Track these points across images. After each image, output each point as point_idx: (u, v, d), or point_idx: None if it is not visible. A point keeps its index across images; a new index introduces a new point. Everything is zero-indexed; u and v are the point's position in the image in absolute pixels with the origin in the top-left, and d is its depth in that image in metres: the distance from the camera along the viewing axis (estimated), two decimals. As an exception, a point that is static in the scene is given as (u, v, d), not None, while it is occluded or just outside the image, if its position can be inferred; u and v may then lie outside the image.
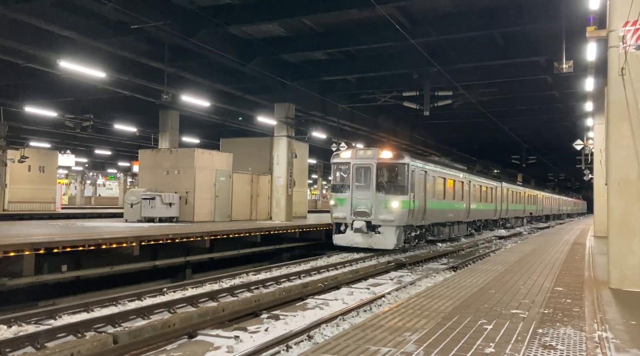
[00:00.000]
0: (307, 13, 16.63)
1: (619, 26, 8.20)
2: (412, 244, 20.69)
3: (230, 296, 10.98)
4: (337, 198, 19.45)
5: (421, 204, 20.04)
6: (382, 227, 18.56)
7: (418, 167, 19.84)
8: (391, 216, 18.34)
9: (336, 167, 19.93)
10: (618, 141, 8.42)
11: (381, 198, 18.65)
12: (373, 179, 18.85)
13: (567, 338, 5.39)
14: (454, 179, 25.21)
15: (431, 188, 21.46)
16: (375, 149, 19.37)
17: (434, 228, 22.83)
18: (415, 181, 19.31)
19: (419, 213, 19.79)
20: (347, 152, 19.94)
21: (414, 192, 19.14)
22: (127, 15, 14.88)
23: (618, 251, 8.37)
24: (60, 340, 7.60)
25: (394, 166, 19.03)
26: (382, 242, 18.50)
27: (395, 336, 5.37)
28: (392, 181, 19.08)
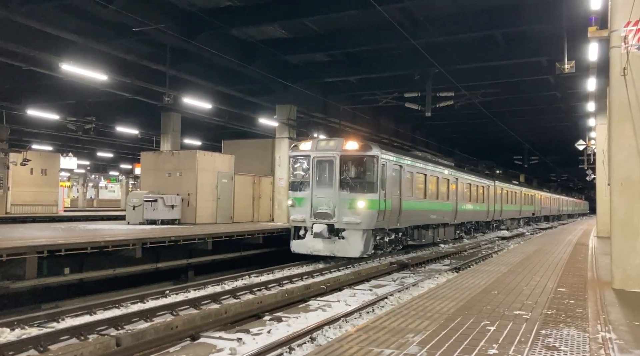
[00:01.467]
0: (309, 15, 16.66)
1: (620, 26, 8.19)
2: (386, 250, 18.14)
3: (232, 298, 10.98)
4: (295, 197, 16.75)
5: (395, 204, 17.42)
6: (346, 231, 15.88)
7: (391, 161, 17.18)
8: (357, 218, 15.70)
9: (294, 160, 17.18)
10: (620, 141, 8.41)
11: (345, 197, 15.94)
12: (336, 174, 16.06)
13: (570, 339, 5.38)
14: (438, 176, 22.61)
15: (408, 186, 18.88)
16: (339, 139, 16.56)
17: (414, 231, 20.21)
18: (387, 177, 16.70)
19: (392, 214, 17.16)
20: (306, 143, 17.02)
21: (385, 190, 16.51)
22: (128, 17, 14.92)
23: (621, 251, 8.34)
24: (63, 343, 7.60)
25: (361, 159, 16.31)
26: (346, 249, 15.82)
27: (398, 337, 5.36)
28: (359, 177, 16.40)
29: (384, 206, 16.41)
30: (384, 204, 16.46)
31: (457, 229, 26.42)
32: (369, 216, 15.88)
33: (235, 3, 16.30)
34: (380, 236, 17.18)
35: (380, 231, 17.00)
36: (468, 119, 32.18)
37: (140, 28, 15.33)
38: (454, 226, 25.52)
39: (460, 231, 27.55)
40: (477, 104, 25.45)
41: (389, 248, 18.32)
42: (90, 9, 15.76)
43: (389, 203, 16.86)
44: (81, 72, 17.33)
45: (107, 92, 23.70)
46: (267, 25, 17.80)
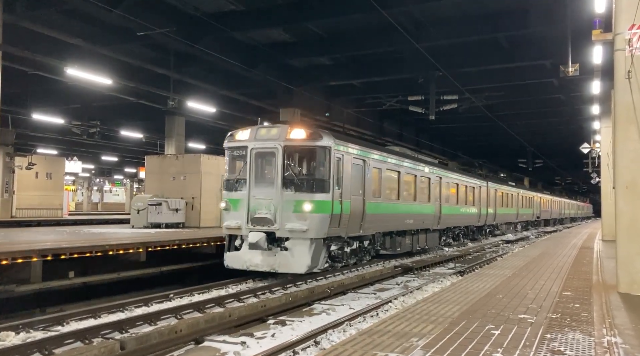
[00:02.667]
0: (312, 18, 16.72)
1: (624, 29, 8.18)
2: (348, 262, 15.09)
3: (236, 302, 10.97)
4: (229, 199, 13.60)
5: (356, 206, 14.41)
6: (290, 241, 12.81)
7: (349, 154, 14.18)
8: (303, 224, 12.60)
9: (230, 153, 14.14)
10: (625, 144, 8.38)
11: (290, 198, 12.85)
12: (278, 170, 13.01)
13: (575, 343, 5.35)
14: (416, 174, 19.45)
15: (375, 185, 15.96)
16: (283, 126, 13.48)
17: (385, 238, 17.27)
18: (344, 174, 13.71)
19: (352, 219, 14.12)
20: (244, 131, 13.87)
21: (341, 189, 13.51)
22: (133, 22, 15.00)
23: (626, 254, 8.31)
24: (67, 346, 7.61)
25: (309, 150, 13.35)
26: (290, 263, 12.73)
27: (402, 341, 5.35)
28: (307, 173, 13.56)
29: (339, 209, 13.31)
30: (339, 207, 13.36)
31: (441, 235, 23.57)
32: (319, 222, 12.73)
33: (239, 7, 16.36)
34: (338, 245, 14.19)
35: (336, 240, 13.96)
36: (472, 122, 32.17)
37: (145, 32, 15.41)
38: (438, 232, 22.55)
39: (447, 237, 24.73)
40: (481, 107, 25.43)
41: (352, 260, 15.40)
42: (95, 14, 15.86)
43: (347, 205, 13.78)
44: (86, 77, 17.42)
45: (112, 96, 23.82)
46: (270, 29, 17.87)
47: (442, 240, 23.77)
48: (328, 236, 13.21)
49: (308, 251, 12.74)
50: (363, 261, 16.38)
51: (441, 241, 23.65)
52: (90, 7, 15.27)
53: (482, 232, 31.29)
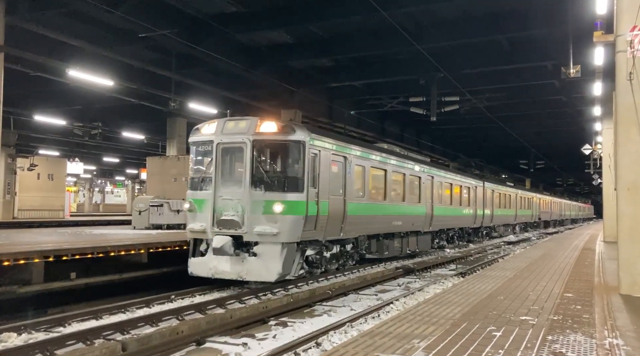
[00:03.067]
0: (314, 20, 16.74)
1: (626, 31, 8.18)
2: (328, 268, 14.06)
3: (238, 303, 10.98)
4: (193, 199, 12.48)
5: (336, 207, 13.30)
6: (260, 245, 11.61)
7: (327, 150, 13.07)
8: (274, 226, 11.47)
9: (195, 149, 13.07)
10: (627, 145, 8.39)
11: (259, 198, 11.69)
12: (247, 167, 11.89)
13: (577, 345, 5.35)
14: (405, 173, 18.18)
15: (358, 184, 14.88)
16: (252, 119, 12.22)
17: (371, 242, 16.14)
18: (321, 171, 12.61)
19: (331, 221, 13.05)
20: (210, 124, 12.76)
21: (318, 188, 12.41)
22: (134, 24, 15.03)
23: (628, 256, 8.31)
24: (69, 348, 7.62)
25: (282, 145, 12.17)
26: (259, 270, 11.57)
27: (404, 343, 5.35)
28: (278, 171, 12.32)
29: (315, 210, 12.18)
30: (316, 208, 12.23)
31: (434, 237, 22.43)
32: (291, 224, 11.61)
33: (241, 9, 16.39)
34: (315, 250, 13.05)
35: (312, 244, 12.83)
36: (473, 123, 32.17)
37: (147, 34, 15.44)
38: (430, 234, 21.37)
39: (440, 239, 23.59)
40: (482, 108, 25.43)
41: (333, 265, 14.41)
42: (97, 16, 15.90)
43: (325, 206, 12.67)
44: (88, 78, 17.46)
45: (114, 98, 23.86)
46: (272, 30, 17.89)
47: (434, 243, 22.67)
48: (302, 240, 12.02)
49: (279, 256, 11.54)
50: (346, 266, 15.31)
51: (434, 244, 22.56)
52: (92, 9, 15.30)
53: (479, 234, 30.22)
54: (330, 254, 13.94)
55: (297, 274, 12.45)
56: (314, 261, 13.22)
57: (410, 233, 18.91)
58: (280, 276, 11.60)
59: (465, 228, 27.13)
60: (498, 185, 33.76)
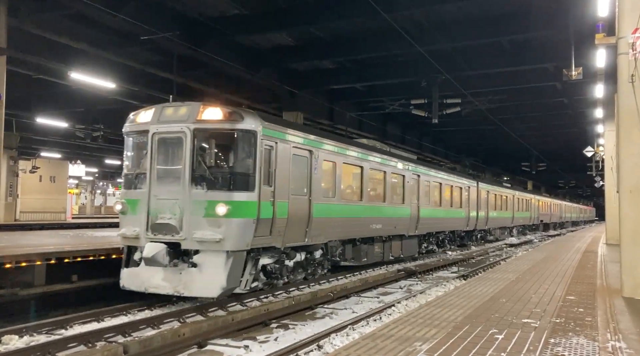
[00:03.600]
0: (315, 22, 16.75)
1: (628, 33, 8.18)
2: (291, 279, 12.48)
3: (239, 306, 10.97)
4: (126, 199, 10.80)
5: (298, 209, 11.72)
6: (200, 254, 9.96)
7: (288, 142, 11.43)
8: (217, 232, 9.82)
9: (129, 140, 11.35)
10: (629, 148, 8.38)
11: (200, 198, 10.03)
12: (186, 161, 10.19)
13: (579, 348, 5.33)
14: (385, 170, 16.64)
15: (327, 182, 13.30)
16: (194, 104, 10.63)
17: (345, 247, 14.55)
18: (278, 167, 10.99)
19: (292, 224, 11.46)
20: (147, 111, 11.09)
21: (274, 186, 10.80)
22: (136, 26, 15.05)
23: (631, 258, 8.29)
24: (71, 350, 7.62)
25: (227, 135, 10.42)
26: (199, 284, 9.82)
27: (406, 346, 5.34)
28: (224, 166, 10.51)
29: (269, 212, 10.64)
30: (271, 210, 10.68)
31: (421, 241, 21.02)
32: (238, 229, 9.95)
33: (243, 11, 16.41)
34: (273, 259, 11.42)
35: (268, 252, 11.17)
36: (475, 125, 32.14)
37: (148, 36, 15.46)
38: (417, 238, 19.88)
39: (429, 243, 22.15)
40: (484, 110, 25.42)
41: (299, 275, 12.85)
42: (99, 18, 15.93)
43: (283, 207, 11.10)
44: (90, 80, 17.50)
45: (116, 100, 23.89)
46: (274, 33, 17.90)
47: (422, 247, 21.18)
48: (253, 247, 10.38)
49: (223, 267, 9.83)
50: (316, 275, 13.71)
51: (421, 248, 21.12)
52: (94, 12, 15.33)
53: (472, 238, 28.82)
54: (294, 263, 12.38)
55: (249, 288, 10.74)
56: (272, 271, 11.55)
57: (393, 237, 17.56)
58: (224, 291, 9.88)
59: (457, 231, 25.80)
60: (493, 186, 32.49)
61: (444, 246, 24.13)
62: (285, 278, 12.20)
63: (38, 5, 14.98)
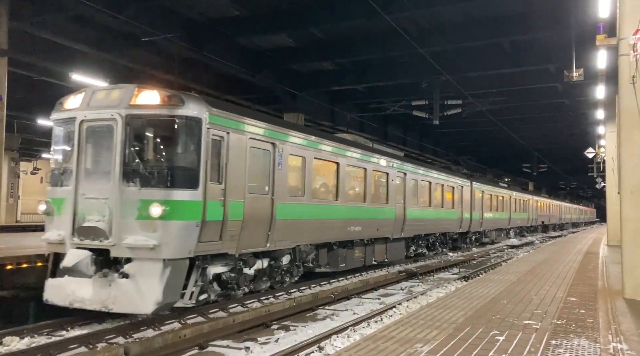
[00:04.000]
0: (316, 24, 16.77)
1: (629, 34, 8.18)
2: (256, 287, 11.23)
3: (240, 307, 10.96)
4: (52, 198, 9.39)
5: (258, 209, 10.37)
6: (133, 263, 8.53)
7: (244, 133, 10.05)
8: (151, 237, 8.44)
9: (57, 130, 10.00)
10: (630, 149, 8.38)
11: (132, 197, 8.66)
12: (117, 153, 8.79)
13: (581, 349, 5.33)
14: (366, 167, 15.34)
15: (293, 180, 11.98)
16: (128, 87, 9.28)
17: (319, 252, 13.26)
18: (231, 161, 9.63)
19: (250, 227, 10.10)
20: (76, 96, 9.70)
21: (225, 183, 9.48)
22: (137, 28, 15.08)
23: (632, 260, 8.28)
24: (72, 351, 7.62)
25: (167, 123, 9.01)
26: (130, 298, 8.40)
27: (407, 347, 5.34)
28: (162, 159, 9.12)
29: (219, 213, 9.28)
30: (221, 211, 9.32)
31: (409, 244, 19.83)
32: (178, 233, 8.58)
33: (243, 13, 16.43)
34: (227, 267, 10.00)
35: (221, 260, 9.81)
36: (476, 127, 32.13)
37: (150, 38, 15.49)
38: (404, 241, 18.68)
39: (418, 246, 20.89)
40: (485, 112, 25.41)
41: (263, 284, 11.43)
42: (100, 20, 15.95)
43: (237, 207, 9.72)
44: (91, 82, 17.50)
45: (117, 102, 23.89)
46: (274, 34, 17.92)
47: (410, 251, 20.00)
48: (199, 254, 9.04)
49: (158, 278, 8.38)
50: (285, 284, 12.27)
51: (410, 252, 20.01)
52: (95, 13, 15.36)
53: (466, 240, 27.39)
54: (255, 271, 10.91)
55: (194, 301, 9.31)
56: (228, 281, 10.14)
57: (376, 240, 16.24)
58: (160, 306, 8.43)
59: (449, 233, 24.43)
60: (489, 185, 31.07)
61: (435, 249, 22.93)
62: (245, 288, 10.83)
63: (39, 7, 15.01)
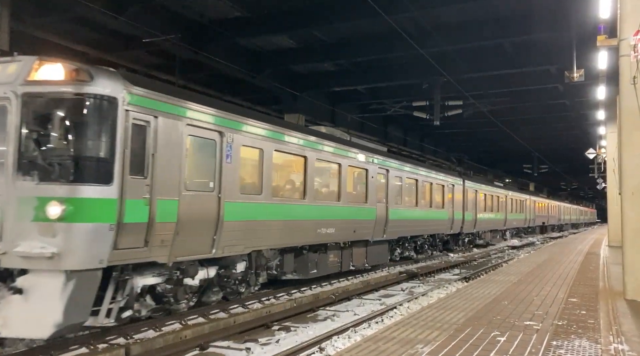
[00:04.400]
0: (317, 25, 16.78)
1: (629, 35, 8.19)
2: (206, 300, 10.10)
3: (241, 308, 10.96)
4: None
5: (198, 209, 8.86)
6: (28, 275, 6.99)
7: (175, 117, 8.45)
8: (50, 243, 6.91)
9: None
10: (631, 149, 8.37)
11: (28, 193, 7.08)
12: (11, 139, 7.23)
13: (582, 350, 5.32)
14: (340, 163, 13.81)
15: (248, 175, 10.51)
16: (27, 60, 7.82)
17: (284, 257, 11.84)
18: (160, 151, 8.10)
19: (188, 231, 8.56)
20: None
21: (151, 177, 7.97)
22: (138, 29, 15.10)
23: (633, 261, 8.27)
24: (72, 352, 7.62)
25: (71, 102, 7.27)
26: (23, 320, 6.82)
27: (407, 348, 5.34)
28: (66, 147, 7.12)
29: (143, 214, 7.74)
30: (146, 211, 7.78)
31: (393, 247, 18.46)
32: (85, 239, 7.04)
33: (244, 14, 16.44)
34: (161, 278, 8.53)
35: (151, 270, 8.29)
36: (477, 127, 32.14)
37: (150, 39, 15.50)
38: (387, 244, 17.20)
39: (404, 249, 19.55)
40: (486, 112, 25.40)
41: (214, 296, 10.17)
42: (101, 21, 15.96)
43: (170, 207, 8.20)
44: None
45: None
46: (275, 35, 17.93)
47: (394, 254, 18.62)
48: (115, 264, 7.44)
49: (59, 295, 6.83)
50: (242, 294, 10.85)
51: (394, 255, 18.65)
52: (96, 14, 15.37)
53: (459, 242, 25.92)
54: (200, 281, 9.41)
55: (115, 319, 7.73)
56: (164, 293, 8.71)
57: (354, 243, 14.83)
58: (60, 329, 6.85)
59: (439, 235, 22.85)
60: (483, 184, 29.41)
61: (423, 251, 21.55)
62: (189, 301, 9.42)
63: (40, 9, 15.03)
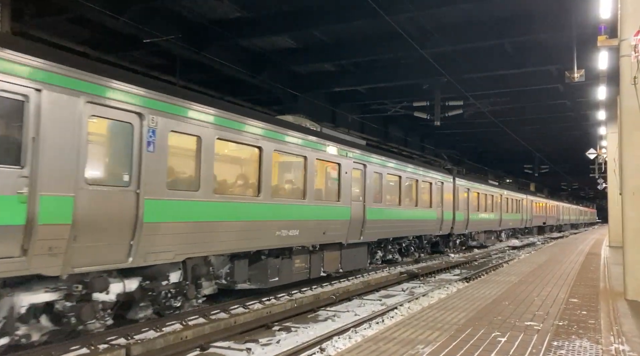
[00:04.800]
0: (317, 25, 16.78)
1: (630, 35, 8.18)
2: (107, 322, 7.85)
3: (241, 308, 10.97)
4: None
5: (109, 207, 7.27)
6: None
7: (66, 89, 6.72)
8: None
9: None
10: (632, 150, 8.37)
11: None
12: None
13: (582, 350, 5.32)
14: (306, 155, 12.23)
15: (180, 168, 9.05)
16: None
17: (236, 264, 10.32)
18: (45, 134, 6.42)
19: (92, 235, 7.02)
20: None
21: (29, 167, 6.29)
22: (139, 29, 15.10)
23: (634, 261, 8.27)
24: (73, 353, 7.62)
25: None
26: None
27: (408, 349, 5.33)
28: None
29: (20, 214, 6.23)
30: (23, 210, 6.26)
31: (374, 250, 17.00)
32: None
33: (245, 14, 16.45)
34: (55, 295, 7.02)
35: (39, 284, 6.85)
36: (477, 128, 32.13)
37: (151, 40, 15.50)
38: (366, 246, 15.64)
39: (386, 252, 17.96)
40: (486, 113, 25.40)
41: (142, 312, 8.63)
42: (102, 21, 15.97)
43: (63, 205, 6.65)
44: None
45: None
46: (275, 35, 17.93)
47: (374, 259, 17.10)
48: None
49: None
50: (182, 309, 9.34)
51: (375, 259, 17.17)
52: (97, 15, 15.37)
53: (449, 244, 24.39)
54: (117, 296, 7.84)
55: None
56: (64, 312, 7.11)
57: (326, 247, 13.33)
58: None
59: (427, 236, 21.40)
60: (476, 183, 27.51)
61: (409, 254, 20.15)
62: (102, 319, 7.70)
63: (41, 9, 15.04)
